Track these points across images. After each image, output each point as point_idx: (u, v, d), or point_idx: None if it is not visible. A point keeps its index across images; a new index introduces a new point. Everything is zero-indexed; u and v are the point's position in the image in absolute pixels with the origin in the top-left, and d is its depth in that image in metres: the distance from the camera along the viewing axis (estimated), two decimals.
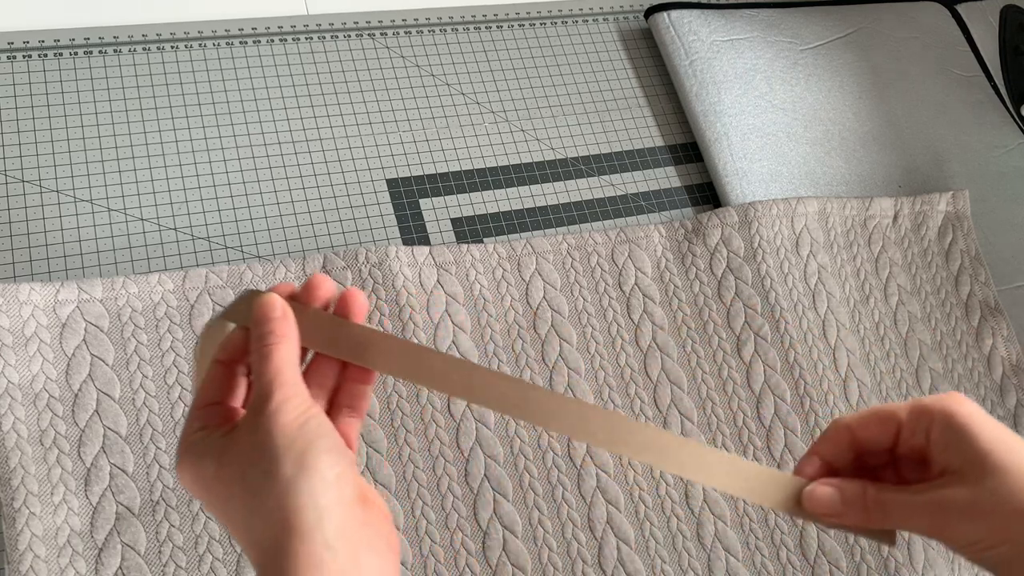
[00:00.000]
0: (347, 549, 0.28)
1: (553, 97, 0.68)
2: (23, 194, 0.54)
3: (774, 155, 0.68)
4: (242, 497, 0.29)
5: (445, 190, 0.61)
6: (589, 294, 0.58)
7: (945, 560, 0.55)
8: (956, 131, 0.74)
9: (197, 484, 0.31)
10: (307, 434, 0.29)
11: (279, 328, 0.32)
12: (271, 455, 0.29)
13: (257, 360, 0.31)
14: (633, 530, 0.52)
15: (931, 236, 0.68)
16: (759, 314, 0.59)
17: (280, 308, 0.33)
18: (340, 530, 0.28)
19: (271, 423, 0.29)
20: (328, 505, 0.28)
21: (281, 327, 0.32)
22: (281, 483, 0.28)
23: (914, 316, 0.64)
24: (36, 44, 0.58)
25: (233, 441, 0.30)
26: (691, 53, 0.70)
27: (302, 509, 0.28)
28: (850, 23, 0.77)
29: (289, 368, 0.31)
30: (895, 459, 0.35)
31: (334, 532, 0.28)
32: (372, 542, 0.29)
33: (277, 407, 0.30)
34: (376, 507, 0.31)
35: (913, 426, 0.33)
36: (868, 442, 0.34)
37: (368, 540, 0.29)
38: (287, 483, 0.28)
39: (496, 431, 0.52)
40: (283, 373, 0.31)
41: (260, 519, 0.28)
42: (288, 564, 0.27)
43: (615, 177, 0.66)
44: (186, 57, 0.61)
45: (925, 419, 0.33)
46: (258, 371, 0.31)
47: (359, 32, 0.66)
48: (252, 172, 0.58)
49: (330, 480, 0.29)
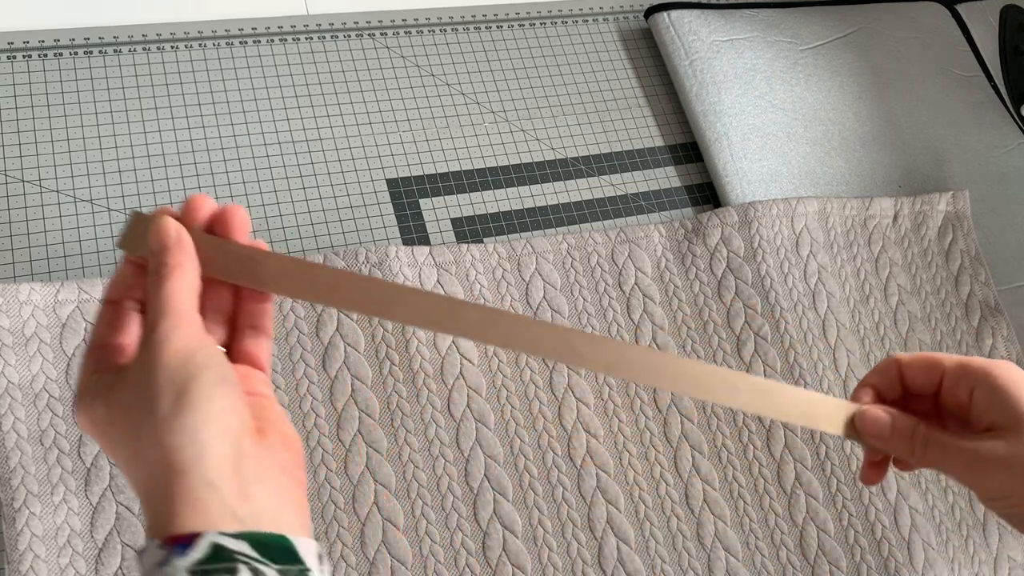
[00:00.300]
0: (233, 484, 0.27)
1: (553, 97, 0.68)
2: (23, 194, 0.54)
3: (774, 155, 0.68)
4: (126, 437, 0.28)
5: (445, 190, 0.61)
6: (589, 294, 0.58)
7: (945, 560, 0.55)
8: (956, 131, 0.74)
9: (92, 428, 0.30)
10: (190, 367, 0.28)
11: (174, 256, 0.30)
12: (151, 391, 0.27)
13: (151, 291, 0.30)
14: (633, 530, 0.52)
15: (931, 236, 0.68)
16: (759, 314, 0.59)
17: (175, 233, 0.31)
18: (223, 466, 0.27)
19: (154, 356, 0.28)
20: (209, 440, 0.27)
21: (176, 254, 0.30)
22: (160, 421, 0.27)
23: (914, 316, 0.64)
24: (36, 44, 0.58)
25: (120, 379, 0.29)
26: (691, 53, 0.70)
27: (180, 447, 0.27)
28: (850, 23, 0.77)
29: (180, 296, 0.30)
30: (939, 411, 0.37)
31: (216, 468, 0.27)
32: (266, 474, 0.28)
33: (161, 339, 0.28)
34: (277, 436, 0.29)
35: (955, 378, 0.35)
36: (913, 383, 0.37)
37: (261, 473, 0.28)
38: (165, 421, 0.27)
39: (496, 431, 0.52)
40: (172, 302, 0.29)
41: (142, 459, 0.27)
42: (168, 505, 0.26)
43: (615, 177, 0.66)
44: (186, 57, 0.61)
45: (969, 376, 0.35)
46: (149, 303, 0.30)
47: (359, 32, 0.66)
48: (252, 172, 0.58)
49: (213, 414, 0.27)
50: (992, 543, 0.57)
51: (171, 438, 0.27)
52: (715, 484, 0.54)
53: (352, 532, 0.48)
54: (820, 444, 0.56)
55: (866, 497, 0.55)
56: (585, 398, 0.54)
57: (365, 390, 0.51)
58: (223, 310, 0.33)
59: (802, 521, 0.54)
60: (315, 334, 0.52)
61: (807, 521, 0.54)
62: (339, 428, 0.50)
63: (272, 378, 0.50)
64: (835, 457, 0.56)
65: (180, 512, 0.26)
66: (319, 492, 0.48)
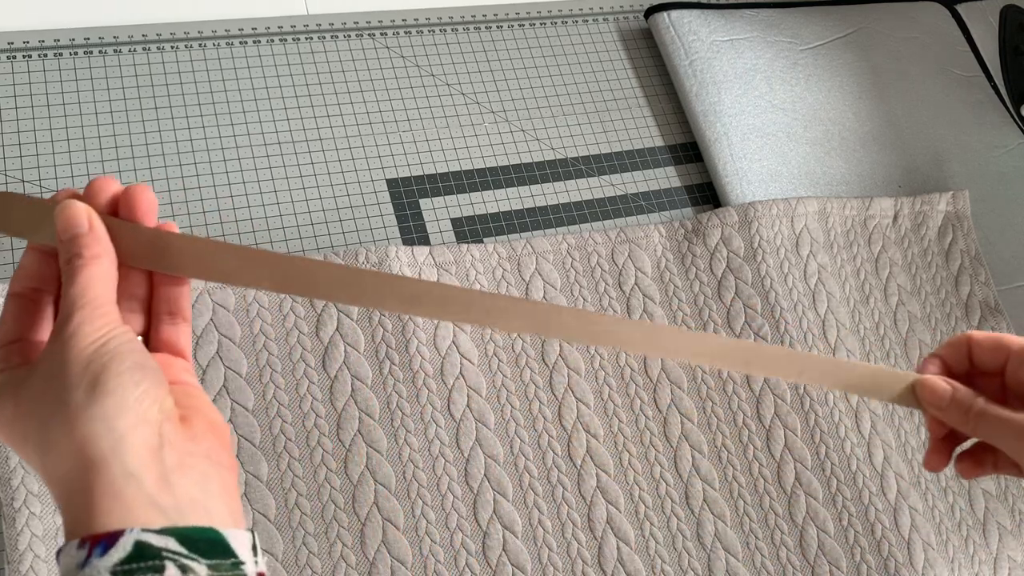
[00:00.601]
0: (154, 473, 0.25)
1: (553, 97, 0.68)
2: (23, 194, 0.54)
3: (774, 155, 0.68)
4: (37, 433, 0.26)
5: (445, 190, 0.61)
6: (589, 294, 0.58)
7: (945, 560, 0.55)
8: (956, 131, 0.74)
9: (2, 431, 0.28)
10: (102, 356, 0.27)
11: (88, 245, 0.29)
12: (63, 384, 0.26)
13: (65, 283, 0.28)
14: (633, 530, 0.52)
15: (931, 236, 0.68)
16: (759, 314, 0.59)
17: (86, 220, 0.29)
18: (143, 454, 0.25)
19: (66, 349, 0.27)
20: (126, 429, 0.26)
21: (90, 243, 0.29)
22: (73, 412, 0.26)
23: (914, 316, 0.64)
24: (36, 44, 0.58)
25: (29, 375, 0.27)
26: (691, 53, 0.70)
27: (96, 438, 0.25)
28: (850, 23, 0.77)
29: (95, 287, 0.28)
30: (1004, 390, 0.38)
31: (135, 458, 0.25)
32: (191, 462, 0.27)
33: (74, 330, 0.27)
34: (202, 423, 0.28)
35: (1020, 360, 0.37)
36: (980, 360, 0.38)
37: (185, 461, 0.26)
38: (78, 411, 0.26)
39: (496, 431, 0.52)
40: (87, 293, 0.28)
41: (55, 455, 0.26)
42: (86, 501, 0.24)
43: (615, 177, 0.66)
44: (186, 57, 0.61)
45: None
46: (64, 295, 0.28)
47: (359, 32, 0.66)
48: (252, 172, 0.58)
49: (129, 402, 0.26)
50: (992, 543, 0.57)
51: (86, 428, 0.25)
52: (715, 484, 0.54)
53: (352, 532, 0.48)
54: (820, 444, 0.56)
55: (866, 497, 0.55)
56: (585, 398, 0.54)
57: (365, 390, 0.51)
58: (139, 297, 0.32)
59: (802, 521, 0.54)
60: (315, 334, 0.52)
61: (807, 521, 0.54)
62: (339, 428, 0.50)
63: (272, 378, 0.50)
64: (835, 457, 0.56)
65: (99, 506, 0.24)
66: (319, 492, 0.48)
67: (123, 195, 0.31)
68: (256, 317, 0.51)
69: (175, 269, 0.31)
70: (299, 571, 0.47)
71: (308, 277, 0.32)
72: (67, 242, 0.29)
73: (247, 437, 0.48)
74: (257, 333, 0.51)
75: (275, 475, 0.48)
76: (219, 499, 0.27)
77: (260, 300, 0.52)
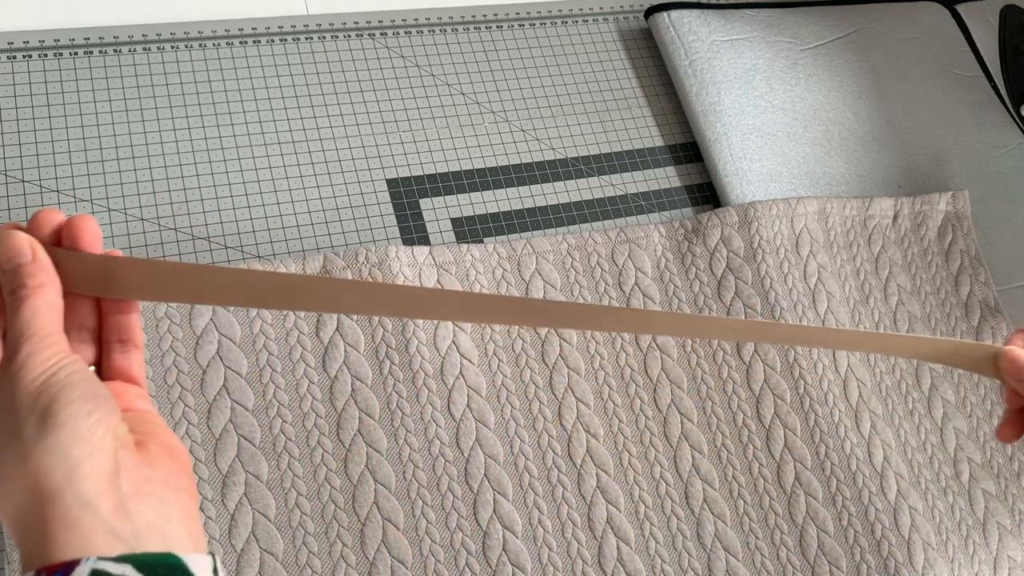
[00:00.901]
0: (110, 501, 0.25)
1: (553, 97, 0.68)
2: (23, 194, 0.54)
3: (774, 155, 0.68)
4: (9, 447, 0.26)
5: (445, 190, 0.61)
6: (589, 294, 0.58)
7: (945, 560, 0.55)
8: (956, 131, 0.74)
9: None
10: (52, 387, 0.26)
11: (31, 275, 0.28)
12: (13, 417, 0.26)
13: (9, 315, 0.28)
14: (633, 530, 0.52)
15: (931, 236, 0.68)
16: (759, 314, 0.59)
17: (28, 250, 0.29)
18: (99, 482, 0.25)
19: (15, 382, 0.26)
20: (80, 459, 0.25)
21: (33, 273, 0.28)
22: (25, 445, 0.25)
23: (914, 316, 0.64)
24: (36, 44, 0.58)
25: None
26: (691, 53, 0.70)
27: (50, 469, 0.25)
28: (850, 23, 0.77)
29: (41, 317, 0.28)
30: None
31: (91, 486, 0.25)
32: (147, 488, 0.26)
33: (22, 363, 0.27)
34: (158, 448, 0.28)
35: None
36: None
37: (142, 487, 0.26)
38: (30, 444, 0.25)
39: (496, 431, 0.52)
40: (32, 324, 0.28)
41: (9, 488, 0.25)
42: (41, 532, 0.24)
43: (615, 177, 0.66)
44: (186, 57, 0.61)
45: None
46: (9, 327, 0.28)
47: (359, 32, 0.66)
48: (252, 172, 0.58)
49: (82, 431, 0.26)
50: (992, 543, 0.57)
51: (40, 461, 0.25)
52: (715, 484, 0.54)
53: (352, 532, 0.48)
54: (820, 444, 0.56)
55: (866, 497, 0.55)
56: (585, 398, 0.54)
57: (365, 390, 0.51)
58: (88, 327, 0.31)
59: (802, 521, 0.54)
60: (315, 334, 0.52)
61: (807, 521, 0.54)
62: (339, 428, 0.50)
63: (272, 378, 0.50)
64: (835, 457, 0.56)
65: (55, 537, 0.24)
66: (319, 492, 0.49)
67: (66, 225, 0.30)
68: (256, 317, 0.51)
69: (122, 293, 0.31)
70: (299, 571, 0.47)
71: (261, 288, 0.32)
72: (10, 272, 0.28)
73: (247, 437, 0.49)
74: (257, 333, 0.51)
75: (275, 475, 0.48)
76: (178, 523, 0.27)
77: None
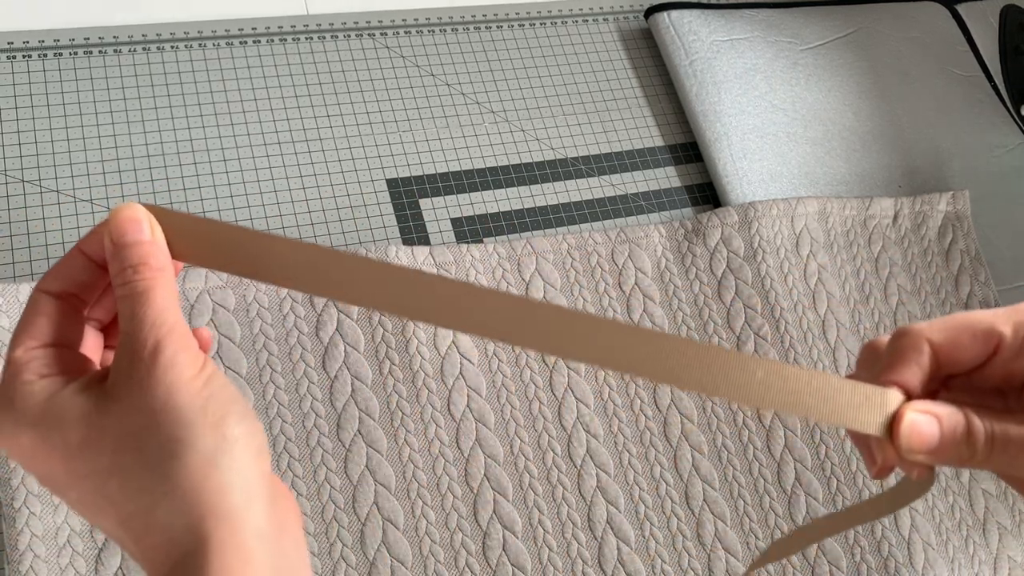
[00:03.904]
0: (273, 534, 0.23)
1: (553, 97, 0.68)
2: (23, 194, 0.54)
3: (774, 155, 0.68)
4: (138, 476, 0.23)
5: (445, 190, 0.61)
6: (589, 294, 0.58)
7: (945, 560, 0.55)
8: (956, 131, 0.74)
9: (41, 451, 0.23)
10: (218, 397, 0.24)
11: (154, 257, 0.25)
12: (182, 423, 0.23)
13: (129, 299, 0.24)
14: (633, 530, 0.52)
15: (931, 236, 0.68)
16: (759, 314, 0.59)
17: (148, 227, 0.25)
18: (268, 513, 0.23)
19: (172, 382, 0.23)
20: (254, 483, 0.23)
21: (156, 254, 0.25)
22: (200, 458, 0.23)
23: (914, 316, 0.64)
24: (36, 44, 0.58)
25: (114, 401, 0.23)
26: (691, 53, 0.70)
27: (228, 490, 0.23)
28: (850, 23, 0.77)
29: (173, 310, 0.25)
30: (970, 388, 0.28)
31: (264, 516, 0.23)
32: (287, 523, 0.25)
33: (171, 363, 0.23)
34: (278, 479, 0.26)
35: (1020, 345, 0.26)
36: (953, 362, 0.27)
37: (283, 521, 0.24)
38: (207, 458, 0.23)
39: (496, 431, 0.52)
40: (165, 316, 0.24)
41: (168, 504, 0.22)
42: (212, 560, 0.22)
43: (615, 177, 0.66)
44: (186, 57, 0.61)
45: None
46: (132, 313, 0.24)
47: (359, 32, 0.66)
48: (252, 172, 0.58)
49: (252, 453, 0.24)
50: (992, 543, 0.57)
51: (218, 479, 0.23)
52: (715, 484, 0.54)
53: (352, 532, 0.48)
54: (820, 444, 0.56)
55: (866, 497, 0.55)
56: (585, 398, 0.54)
57: (365, 390, 0.51)
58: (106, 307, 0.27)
59: (802, 521, 0.54)
60: (315, 334, 0.52)
61: (807, 521, 0.54)
62: (339, 428, 0.50)
63: (272, 378, 0.50)
64: (835, 457, 0.56)
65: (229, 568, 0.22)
66: (319, 492, 0.48)
67: None
68: (256, 317, 0.51)
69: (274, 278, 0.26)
70: None
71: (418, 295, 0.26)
72: (125, 249, 0.25)
73: None
74: (257, 333, 0.51)
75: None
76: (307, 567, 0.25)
77: (260, 300, 0.52)
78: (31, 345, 0.24)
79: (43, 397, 0.24)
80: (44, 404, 0.23)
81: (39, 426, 0.23)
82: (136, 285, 0.24)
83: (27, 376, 0.24)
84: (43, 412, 0.23)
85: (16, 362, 0.24)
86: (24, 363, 0.24)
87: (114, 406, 0.23)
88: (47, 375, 0.24)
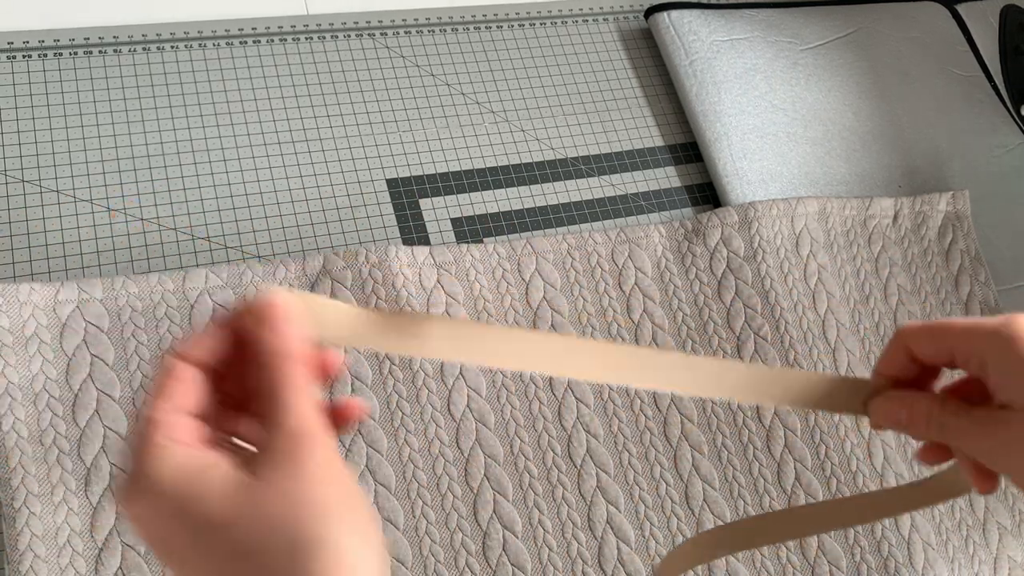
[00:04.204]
0: None
1: (553, 97, 0.68)
2: (23, 194, 0.54)
3: (774, 155, 0.68)
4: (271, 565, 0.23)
5: (445, 190, 0.61)
6: (589, 294, 0.58)
7: (945, 560, 0.55)
8: (956, 131, 0.74)
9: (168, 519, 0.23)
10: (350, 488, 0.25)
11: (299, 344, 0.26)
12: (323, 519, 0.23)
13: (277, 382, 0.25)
14: (633, 530, 0.52)
15: (931, 236, 0.68)
16: (759, 314, 0.59)
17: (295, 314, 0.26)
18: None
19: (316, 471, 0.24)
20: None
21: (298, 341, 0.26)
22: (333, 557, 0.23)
23: (914, 316, 0.64)
24: (36, 44, 0.58)
25: (266, 483, 0.23)
26: (691, 53, 0.70)
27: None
28: (850, 23, 0.77)
29: (311, 399, 0.25)
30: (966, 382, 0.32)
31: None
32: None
33: (327, 458, 0.24)
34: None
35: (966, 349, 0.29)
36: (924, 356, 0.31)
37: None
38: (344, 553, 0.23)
39: (496, 431, 0.52)
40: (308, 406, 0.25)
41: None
42: None
43: (615, 177, 0.66)
44: (186, 57, 0.61)
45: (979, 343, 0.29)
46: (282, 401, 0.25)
47: (359, 32, 0.66)
48: (252, 172, 0.58)
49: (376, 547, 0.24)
50: (992, 543, 0.57)
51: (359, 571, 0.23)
52: (715, 484, 0.54)
53: None
54: (820, 444, 0.56)
55: None
56: (585, 398, 0.54)
57: (365, 390, 0.51)
58: None
59: None
60: None
61: None
62: None
63: None
64: (835, 457, 0.56)
65: None
66: None
67: None
68: None
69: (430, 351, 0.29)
70: None
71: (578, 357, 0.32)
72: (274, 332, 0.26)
73: None
74: None
75: None
76: None
77: None
78: (174, 409, 0.25)
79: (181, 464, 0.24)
80: (186, 473, 0.23)
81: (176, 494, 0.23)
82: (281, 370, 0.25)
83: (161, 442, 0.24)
84: (185, 481, 0.23)
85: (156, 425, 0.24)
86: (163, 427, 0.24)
87: (261, 490, 0.23)
88: (185, 443, 0.24)
